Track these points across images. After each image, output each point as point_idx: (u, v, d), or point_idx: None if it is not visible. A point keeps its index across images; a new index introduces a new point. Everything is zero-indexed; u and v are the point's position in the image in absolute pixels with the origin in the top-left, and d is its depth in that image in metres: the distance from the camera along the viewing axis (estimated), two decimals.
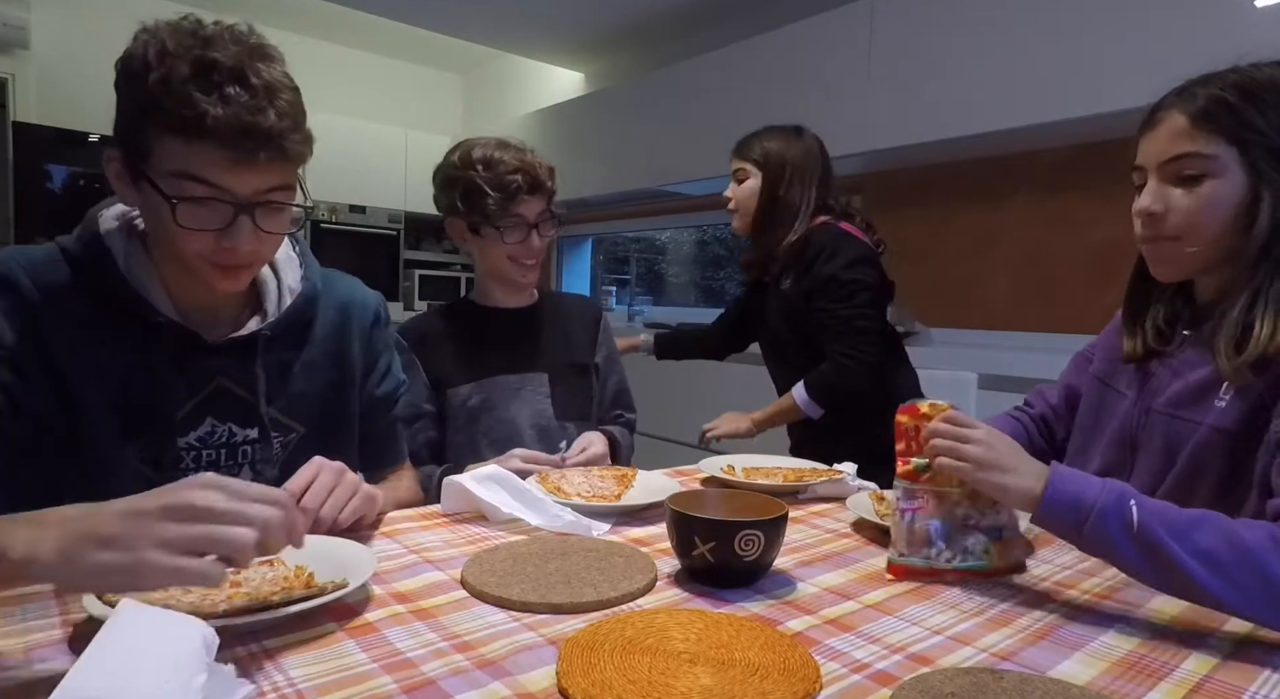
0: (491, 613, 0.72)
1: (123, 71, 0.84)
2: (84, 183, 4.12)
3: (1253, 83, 0.88)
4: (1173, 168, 0.91)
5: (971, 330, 2.88)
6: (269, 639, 0.64)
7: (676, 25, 4.07)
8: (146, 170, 0.84)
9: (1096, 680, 0.62)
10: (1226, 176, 0.88)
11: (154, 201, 0.85)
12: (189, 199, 0.83)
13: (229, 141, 0.81)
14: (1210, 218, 0.90)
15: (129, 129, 0.84)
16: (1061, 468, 0.81)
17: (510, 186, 1.43)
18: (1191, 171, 0.90)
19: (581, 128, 4.31)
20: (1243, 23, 1.93)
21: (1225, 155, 0.88)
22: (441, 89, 6.01)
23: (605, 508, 1.08)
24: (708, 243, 4.84)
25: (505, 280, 1.54)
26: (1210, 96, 0.89)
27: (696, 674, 0.60)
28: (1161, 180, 0.93)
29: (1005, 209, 2.81)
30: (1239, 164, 0.88)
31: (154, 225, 0.91)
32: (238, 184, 0.84)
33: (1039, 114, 2.33)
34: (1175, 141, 0.90)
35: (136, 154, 0.84)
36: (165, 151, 0.82)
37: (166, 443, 0.95)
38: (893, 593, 0.81)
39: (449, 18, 4.24)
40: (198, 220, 0.84)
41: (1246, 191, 0.88)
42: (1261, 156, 0.87)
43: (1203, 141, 0.89)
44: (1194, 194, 0.90)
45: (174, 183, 0.83)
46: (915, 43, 2.68)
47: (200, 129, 0.80)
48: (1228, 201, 0.89)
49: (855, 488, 1.23)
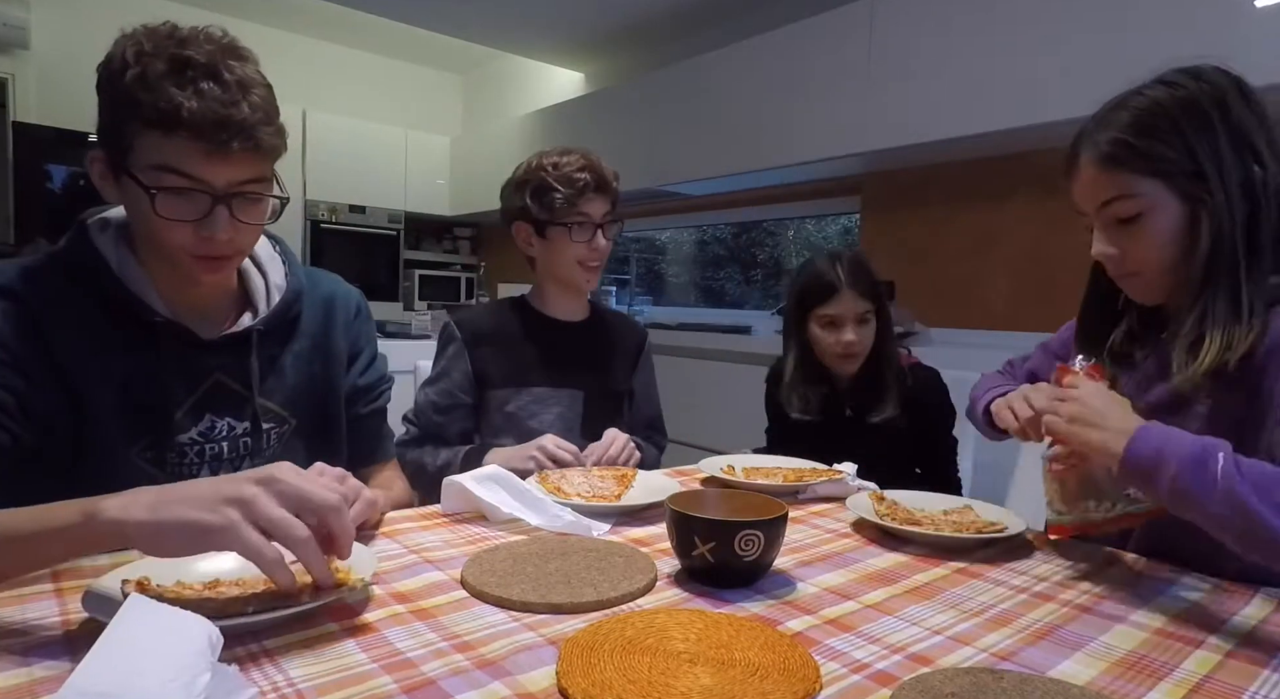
0: (491, 613, 0.72)
1: (104, 73, 0.88)
2: (84, 183, 4.11)
3: (1144, 115, 0.89)
4: (1108, 212, 0.93)
5: (971, 330, 2.88)
6: (269, 639, 0.64)
7: (676, 25, 4.07)
8: (128, 166, 0.87)
9: (1096, 680, 0.62)
10: (1160, 207, 0.89)
11: (135, 196, 0.88)
12: (168, 190, 0.87)
13: (203, 133, 0.85)
14: (1157, 250, 0.91)
15: (110, 128, 0.88)
16: (1151, 426, 0.79)
17: (578, 183, 1.47)
18: (1125, 213, 0.91)
19: (581, 128, 4.31)
20: (1242, 22, 1.93)
21: (1150, 189, 0.89)
22: (441, 89, 6.02)
23: (605, 508, 1.08)
24: (707, 243, 4.84)
25: (569, 283, 1.55)
26: (1110, 141, 0.90)
27: (696, 674, 0.60)
28: (1104, 224, 0.94)
29: (1005, 209, 2.81)
30: (1167, 193, 0.89)
31: (137, 221, 0.93)
32: (213, 175, 0.88)
33: (1038, 114, 2.33)
34: (1098, 188, 0.93)
35: (118, 151, 0.87)
36: (144, 146, 0.86)
37: (169, 440, 0.98)
38: (892, 593, 0.81)
39: (449, 18, 4.24)
40: (176, 211, 0.88)
41: (1184, 216, 0.89)
42: (1183, 182, 0.88)
43: (1122, 183, 0.90)
44: (1136, 232, 0.91)
45: (153, 175, 0.86)
46: (915, 43, 2.68)
47: (176, 121, 0.83)
48: (1169, 231, 0.90)
49: (855, 488, 1.23)
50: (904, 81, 2.71)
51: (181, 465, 0.99)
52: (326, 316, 1.15)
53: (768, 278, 4.53)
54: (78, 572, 0.77)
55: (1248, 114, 0.88)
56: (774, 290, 4.36)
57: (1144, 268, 0.93)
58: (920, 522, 1.02)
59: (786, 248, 4.43)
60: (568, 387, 1.53)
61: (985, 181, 2.86)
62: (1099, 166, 0.91)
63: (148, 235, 0.92)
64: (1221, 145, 0.87)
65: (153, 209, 0.87)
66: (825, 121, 3.00)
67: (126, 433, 0.95)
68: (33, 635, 0.63)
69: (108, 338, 0.93)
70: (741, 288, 4.66)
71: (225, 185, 0.89)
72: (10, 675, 0.56)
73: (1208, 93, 0.88)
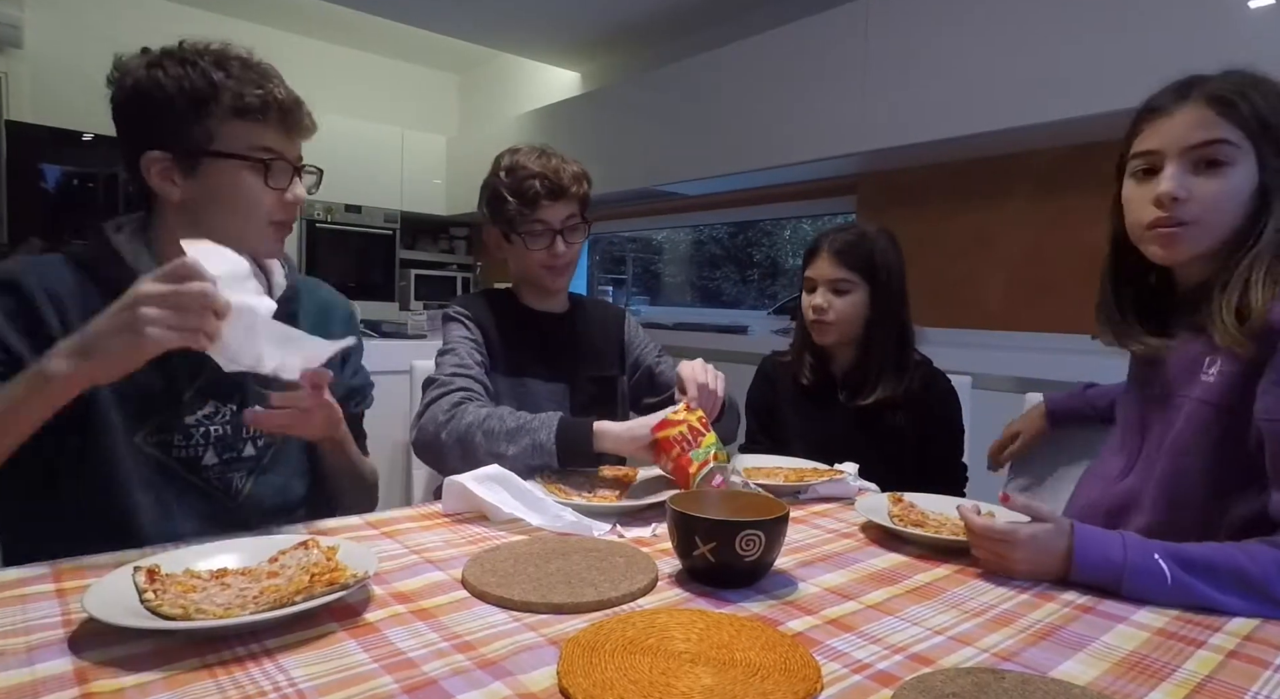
0: (492, 613, 0.72)
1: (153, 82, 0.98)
2: (77, 182, 4.10)
3: (1256, 82, 0.92)
4: (1198, 154, 0.93)
5: (968, 330, 2.88)
6: (270, 639, 0.64)
7: (673, 25, 4.07)
8: (215, 150, 1.00)
9: (1098, 681, 0.62)
10: (1243, 166, 0.91)
11: (226, 177, 1.01)
12: (272, 162, 1.03)
13: (287, 116, 1.04)
14: (1228, 205, 0.92)
15: (176, 127, 0.99)
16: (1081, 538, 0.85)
17: (529, 192, 1.43)
18: (1218, 157, 0.92)
19: (578, 127, 4.31)
20: (1238, 23, 1.93)
21: (1244, 145, 0.91)
22: (438, 89, 6.00)
23: (606, 508, 1.08)
24: (704, 243, 4.84)
25: (536, 286, 1.54)
26: (1234, 88, 0.92)
27: (697, 674, 0.60)
28: (1186, 165, 0.94)
29: (1001, 209, 2.81)
30: (1253, 156, 0.91)
31: (221, 199, 1.03)
32: (288, 150, 1.06)
33: (1035, 114, 2.33)
34: (1202, 127, 0.92)
35: (193, 145, 1.00)
36: (231, 132, 1.00)
37: (175, 424, 1.03)
38: (894, 593, 0.81)
39: (446, 17, 4.23)
40: (279, 180, 1.05)
41: (1256, 185, 0.92)
42: (1270, 153, 0.91)
43: (1227, 129, 0.91)
44: (1215, 181, 0.92)
45: (252, 154, 1.02)
46: (911, 43, 2.68)
47: (263, 108, 1.01)
48: (1242, 192, 0.92)
49: (856, 488, 1.23)
50: (900, 81, 2.71)
51: (187, 447, 1.04)
52: (321, 318, 1.21)
53: (764, 278, 4.54)
54: (78, 572, 0.77)
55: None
56: (770, 290, 4.37)
57: (1202, 218, 0.93)
58: (925, 524, 1.01)
59: (783, 248, 4.43)
60: (554, 380, 1.52)
61: (981, 182, 2.87)
62: (1213, 106, 0.92)
63: (232, 210, 1.03)
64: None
65: (264, 180, 1.03)
66: (821, 121, 3.00)
67: (133, 418, 0.99)
68: (33, 635, 0.63)
69: None
70: (738, 288, 4.66)
71: (294, 159, 1.07)
72: (11, 675, 0.56)
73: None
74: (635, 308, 4.86)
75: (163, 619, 0.62)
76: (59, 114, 4.12)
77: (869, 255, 1.54)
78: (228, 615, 0.63)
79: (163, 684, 0.56)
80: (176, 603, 0.65)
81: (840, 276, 1.53)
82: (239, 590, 0.70)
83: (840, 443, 1.47)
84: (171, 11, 4.74)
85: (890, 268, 1.54)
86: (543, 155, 1.48)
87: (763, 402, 1.73)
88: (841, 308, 1.54)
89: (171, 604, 0.64)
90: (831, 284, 1.54)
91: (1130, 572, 0.81)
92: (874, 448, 1.48)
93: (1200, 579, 0.79)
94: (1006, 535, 0.86)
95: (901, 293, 1.56)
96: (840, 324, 1.54)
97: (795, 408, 1.65)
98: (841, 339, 1.57)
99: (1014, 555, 0.86)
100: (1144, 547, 0.83)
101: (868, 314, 1.55)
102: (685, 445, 1.11)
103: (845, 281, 1.53)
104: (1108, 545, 0.84)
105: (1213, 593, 0.78)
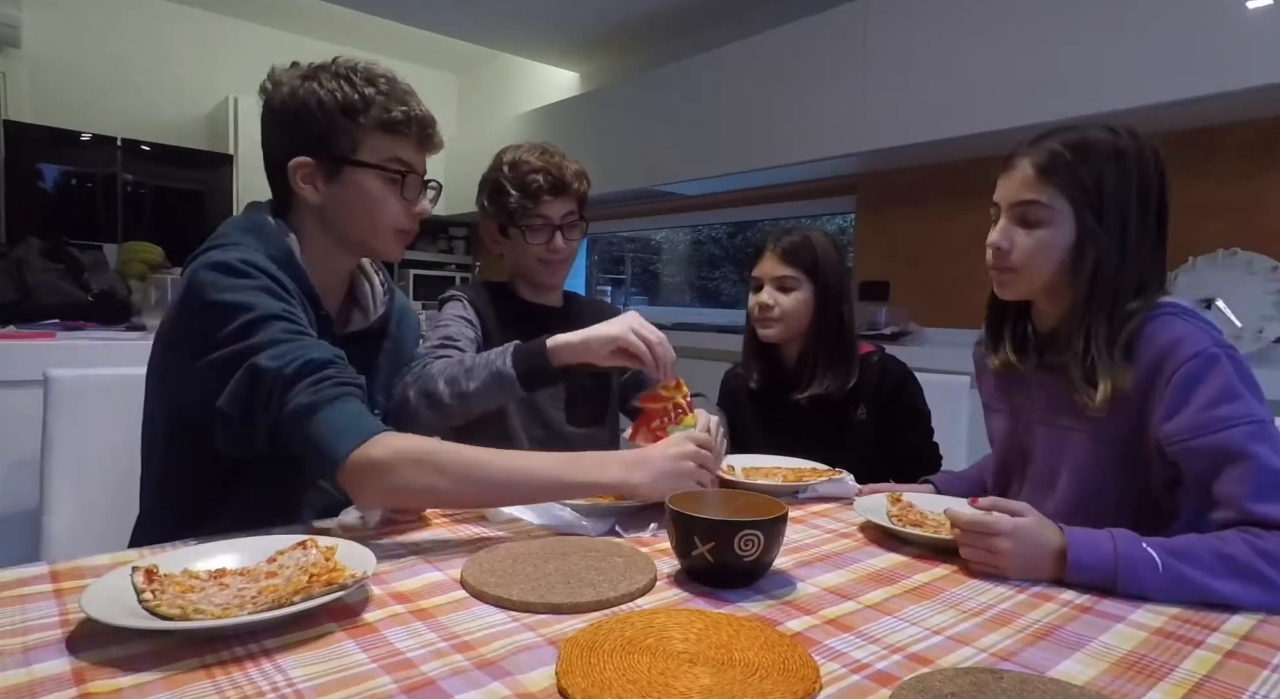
0: (491, 613, 0.72)
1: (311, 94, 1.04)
2: (75, 182, 4.10)
3: (1084, 147, 1.01)
4: (1019, 211, 1.05)
5: (965, 330, 2.88)
6: (269, 639, 0.64)
7: (672, 25, 4.07)
8: (358, 160, 1.06)
9: (1096, 680, 0.62)
10: (1059, 226, 1.02)
11: (364, 185, 1.07)
12: (408, 175, 1.09)
13: (423, 132, 1.10)
14: (1043, 260, 1.03)
15: (325, 135, 1.05)
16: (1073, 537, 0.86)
17: (531, 186, 1.46)
18: (1033, 217, 1.03)
19: (576, 127, 4.31)
20: (1238, 23, 1.94)
21: (1061, 207, 1.01)
22: (437, 89, 6.01)
23: (605, 508, 1.08)
24: (703, 243, 4.84)
25: (532, 280, 1.55)
26: (1053, 151, 1.01)
27: (696, 674, 0.60)
28: (1010, 220, 1.06)
29: None
30: (1070, 217, 1.01)
31: (356, 205, 1.08)
32: (420, 165, 1.12)
33: (1035, 114, 2.33)
34: (1025, 188, 1.03)
35: (339, 152, 1.05)
36: (374, 144, 1.07)
37: None
38: (892, 593, 0.81)
39: (445, 17, 4.23)
40: (411, 192, 1.11)
41: (1074, 241, 1.02)
42: (1087, 214, 1.00)
43: (1046, 192, 1.02)
44: (1033, 237, 1.03)
45: (390, 166, 1.08)
46: (910, 43, 2.68)
47: (406, 124, 1.08)
48: (1058, 248, 1.02)
49: (855, 488, 1.23)
50: (900, 81, 2.72)
51: None
52: (401, 322, 1.29)
53: None
54: (76, 572, 0.77)
55: (1154, 185, 1.01)
56: None
57: (1022, 267, 1.05)
58: (924, 524, 1.01)
59: None
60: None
61: (980, 182, 2.84)
62: (1035, 170, 1.02)
63: (364, 216, 1.09)
64: (1129, 199, 1.00)
65: (399, 191, 1.09)
66: (820, 121, 3.00)
67: None
68: (31, 636, 0.63)
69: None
70: (737, 288, 4.65)
71: (423, 173, 1.13)
72: (9, 676, 0.56)
73: (1134, 153, 1.00)
74: (634, 308, 4.85)
75: (161, 619, 0.62)
76: (57, 114, 4.13)
77: (811, 254, 1.56)
78: (226, 616, 0.63)
79: (161, 684, 0.56)
80: (175, 603, 0.65)
81: (785, 274, 1.56)
82: (237, 590, 0.70)
83: (803, 442, 1.48)
84: (171, 11, 4.74)
85: (831, 264, 1.57)
86: (545, 152, 1.50)
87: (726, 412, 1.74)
88: (787, 304, 1.56)
89: (170, 604, 0.64)
90: (777, 281, 1.57)
91: (1124, 562, 0.82)
92: (835, 447, 1.49)
93: (1189, 565, 0.81)
94: (992, 527, 0.87)
95: (841, 288, 1.59)
96: (786, 319, 1.57)
97: (753, 414, 1.66)
98: (787, 335, 1.59)
99: (1003, 549, 0.86)
100: (1130, 537, 0.85)
101: (811, 310, 1.57)
102: (666, 419, 1.15)
103: (790, 279, 1.56)
104: (1097, 538, 0.85)
105: (1203, 578, 0.80)
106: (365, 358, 1.15)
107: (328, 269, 1.12)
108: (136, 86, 4.52)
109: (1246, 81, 1.93)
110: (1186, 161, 2.37)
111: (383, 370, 1.23)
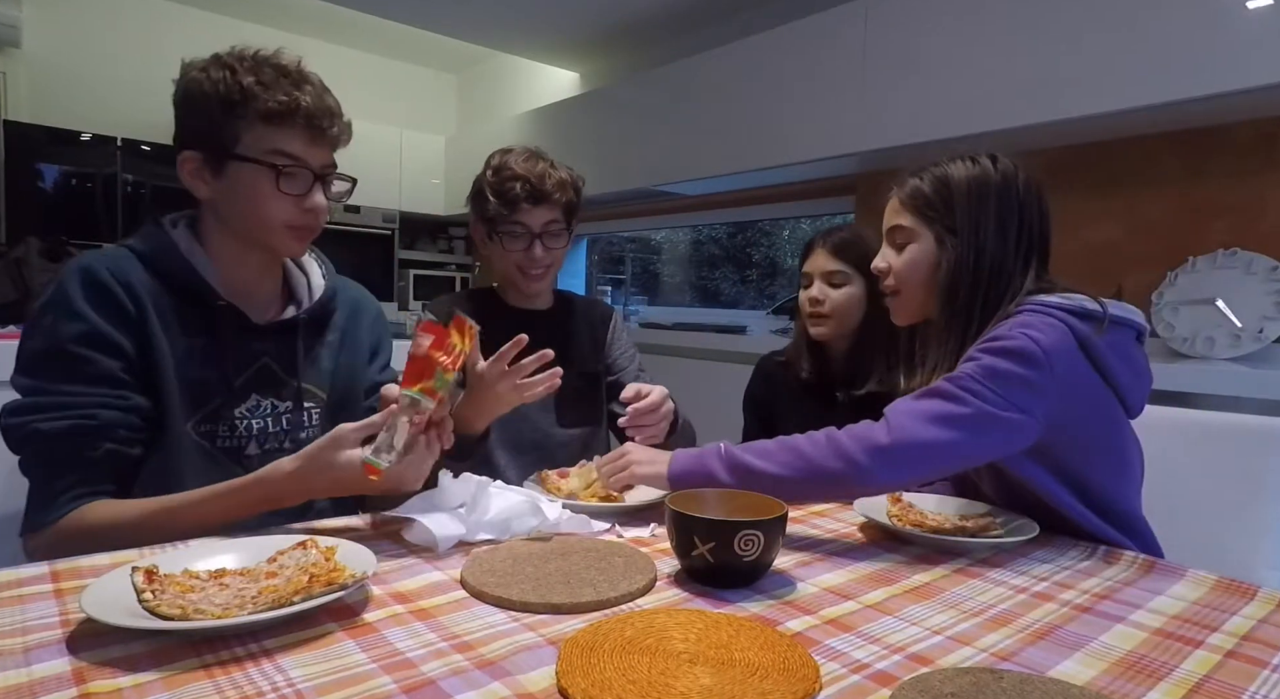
0: (491, 613, 0.72)
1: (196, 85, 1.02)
2: (75, 182, 4.09)
3: (942, 181, 1.15)
4: (891, 235, 1.21)
5: None
6: (269, 639, 0.63)
7: (672, 25, 4.07)
8: (238, 154, 1.02)
9: (1096, 680, 0.62)
10: (921, 244, 1.16)
11: (245, 178, 1.03)
12: (286, 169, 1.04)
13: (311, 123, 1.04)
14: (912, 272, 1.17)
15: (208, 128, 1.02)
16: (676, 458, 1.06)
17: (509, 194, 1.44)
18: (900, 240, 1.19)
19: (576, 127, 4.31)
20: (1238, 23, 1.94)
21: (920, 229, 1.16)
22: (436, 89, 6.00)
23: (605, 508, 1.08)
24: (703, 243, 4.84)
25: (513, 286, 1.55)
26: (914, 186, 1.17)
27: (696, 674, 0.60)
28: (888, 244, 1.22)
29: None
30: (930, 235, 1.15)
31: (241, 200, 1.06)
32: (312, 157, 1.06)
33: (1034, 115, 2.33)
34: (892, 216, 1.20)
35: (220, 145, 1.02)
36: (255, 136, 1.02)
37: (224, 415, 1.08)
38: (892, 593, 0.81)
39: (444, 17, 4.23)
40: (293, 186, 1.05)
41: (935, 258, 1.14)
42: (941, 233, 1.14)
43: (906, 218, 1.17)
44: (901, 255, 1.19)
45: (270, 158, 1.03)
46: (910, 43, 2.68)
47: (288, 114, 1.02)
48: (923, 263, 1.16)
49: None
50: (899, 82, 2.72)
51: (231, 438, 1.09)
52: (353, 315, 1.27)
53: (762, 278, 4.54)
54: (77, 571, 0.77)
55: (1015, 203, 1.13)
56: (769, 290, 4.37)
57: (901, 285, 1.19)
58: (924, 523, 1.01)
59: (781, 248, 4.44)
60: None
61: None
62: (899, 201, 1.19)
63: (250, 212, 1.05)
64: (984, 219, 1.12)
65: (276, 185, 1.03)
66: (820, 122, 3.00)
67: (187, 408, 1.04)
68: (31, 636, 0.63)
69: (174, 318, 1.04)
70: (737, 287, 4.66)
71: (319, 167, 1.08)
72: (9, 676, 0.56)
73: (995, 179, 1.14)
74: (634, 308, 4.86)
75: (161, 619, 0.62)
76: (56, 114, 4.12)
77: (862, 249, 1.56)
78: (226, 616, 0.63)
79: (161, 684, 0.56)
80: (175, 603, 0.64)
81: (835, 269, 1.57)
82: (237, 591, 0.70)
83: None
84: (171, 11, 4.74)
85: None
86: (532, 158, 1.48)
87: (762, 399, 1.74)
88: (837, 300, 1.57)
89: (170, 604, 0.64)
90: (827, 277, 1.58)
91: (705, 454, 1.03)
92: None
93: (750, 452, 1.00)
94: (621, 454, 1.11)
95: None
96: (836, 316, 1.57)
97: (794, 405, 1.66)
98: (837, 331, 1.59)
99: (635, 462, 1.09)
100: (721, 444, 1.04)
101: (863, 307, 1.57)
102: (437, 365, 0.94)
103: (840, 274, 1.58)
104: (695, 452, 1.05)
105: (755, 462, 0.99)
106: (294, 348, 1.15)
107: (238, 262, 1.11)
108: (136, 86, 4.51)
109: (1246, 81, 1.93)
110: (1186, 161, 2.37)
111: (324, 361, 1.20)
